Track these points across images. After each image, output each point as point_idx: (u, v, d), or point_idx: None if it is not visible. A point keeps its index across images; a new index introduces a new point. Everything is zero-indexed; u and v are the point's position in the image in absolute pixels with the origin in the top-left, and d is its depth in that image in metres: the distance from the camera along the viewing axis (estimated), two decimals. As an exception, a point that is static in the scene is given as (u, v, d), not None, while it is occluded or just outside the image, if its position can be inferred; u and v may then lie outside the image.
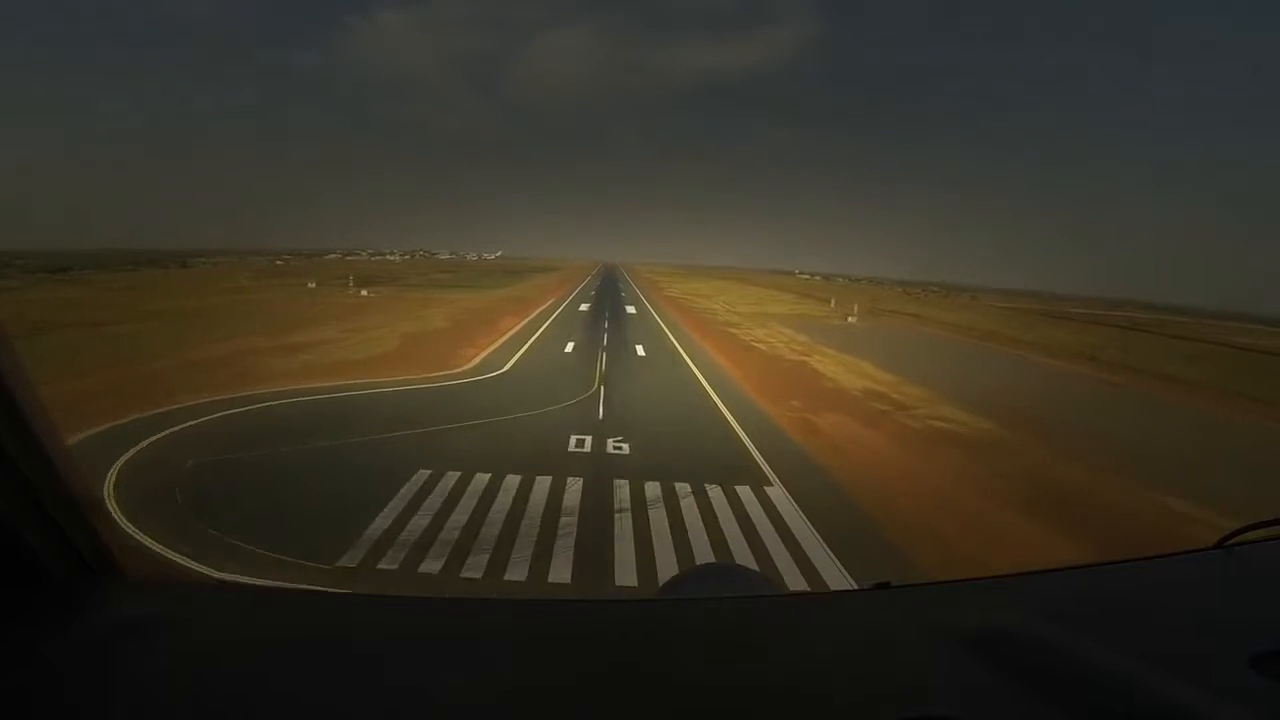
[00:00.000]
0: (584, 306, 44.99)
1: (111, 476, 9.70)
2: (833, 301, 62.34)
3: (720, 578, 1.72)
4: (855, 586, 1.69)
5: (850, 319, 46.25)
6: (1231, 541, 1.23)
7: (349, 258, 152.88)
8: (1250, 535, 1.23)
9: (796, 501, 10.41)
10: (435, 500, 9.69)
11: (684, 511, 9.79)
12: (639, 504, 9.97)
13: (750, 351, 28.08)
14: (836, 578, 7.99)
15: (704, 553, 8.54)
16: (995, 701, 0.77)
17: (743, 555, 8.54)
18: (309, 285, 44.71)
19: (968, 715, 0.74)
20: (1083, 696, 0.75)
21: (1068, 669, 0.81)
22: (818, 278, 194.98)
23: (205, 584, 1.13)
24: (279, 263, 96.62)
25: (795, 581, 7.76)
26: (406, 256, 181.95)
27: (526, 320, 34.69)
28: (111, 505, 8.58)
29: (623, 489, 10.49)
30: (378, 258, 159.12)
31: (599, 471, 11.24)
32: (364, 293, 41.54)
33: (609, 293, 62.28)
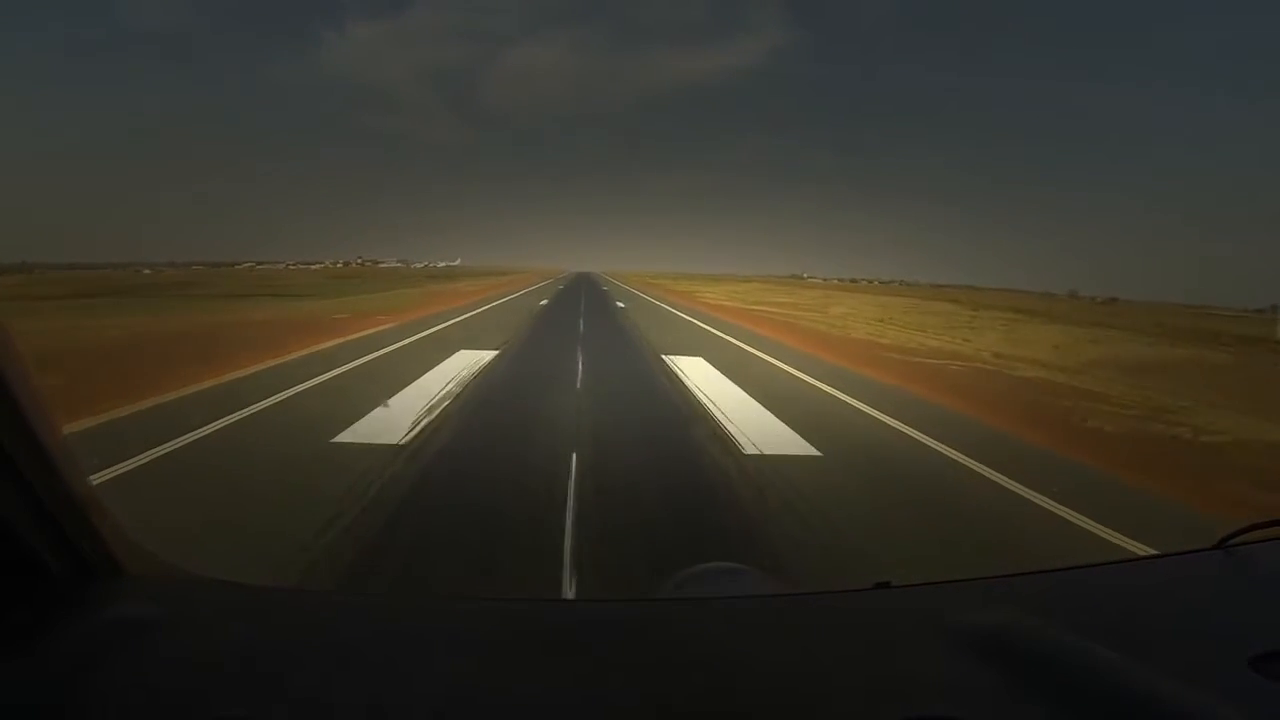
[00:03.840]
0: (450, 384, 8.11)
1: None
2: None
3: (720, 578, 1.57)
4: (855, 586, 1.12)
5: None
6: (1231, 541, 1.22)
7: (260, 267, 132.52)
8: (1250, 535, 1.22)
9: None
10: None
11: None
12: None
13: None
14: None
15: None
16: (995, 701, 0.77)
17: None
18: None
19: (968, 715, 0.73)
20: (1082, 696, 0.75)
21: (1067, 669, 0.81)
22: (835, 281, 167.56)
23: (205, 584, 1.08)
24: (146, 272, 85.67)
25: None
26: (339, 265, 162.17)
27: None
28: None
29: None
30: (298, 267, 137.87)
31: None
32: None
33: (590, 313, 23.71)
